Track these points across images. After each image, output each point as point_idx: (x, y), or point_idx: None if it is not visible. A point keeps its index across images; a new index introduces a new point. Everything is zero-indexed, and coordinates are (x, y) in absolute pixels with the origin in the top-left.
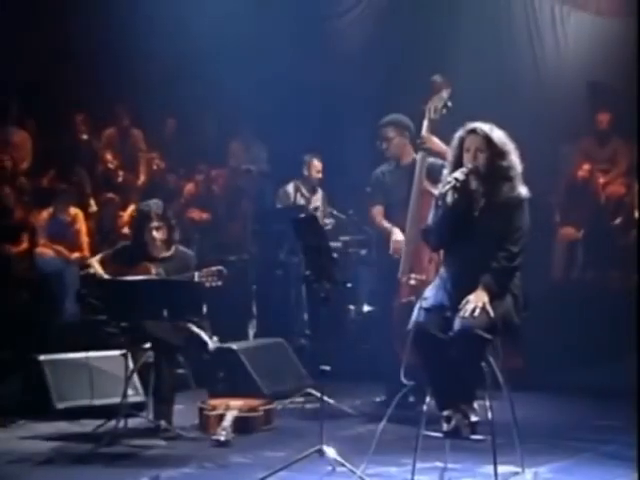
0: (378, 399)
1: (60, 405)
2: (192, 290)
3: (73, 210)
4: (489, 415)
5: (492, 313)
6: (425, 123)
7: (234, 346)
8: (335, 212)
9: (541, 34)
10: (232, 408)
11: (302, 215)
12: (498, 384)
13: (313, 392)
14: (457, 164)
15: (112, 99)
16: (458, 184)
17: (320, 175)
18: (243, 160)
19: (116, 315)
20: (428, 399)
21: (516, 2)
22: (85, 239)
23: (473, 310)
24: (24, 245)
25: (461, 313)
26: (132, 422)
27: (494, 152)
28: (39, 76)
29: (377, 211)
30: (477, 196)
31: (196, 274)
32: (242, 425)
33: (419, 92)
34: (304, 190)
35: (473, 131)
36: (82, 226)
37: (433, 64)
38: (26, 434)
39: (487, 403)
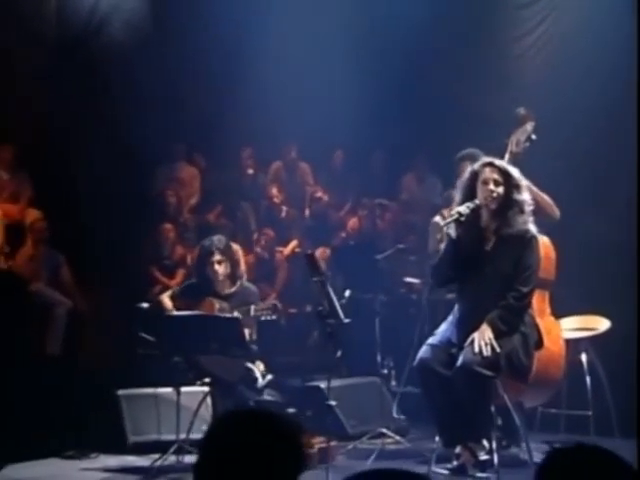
0: None
1: (134, 439)
2: (233, 325)
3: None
4: (495, 457)
5: (498, 349)
6: (506, 157)
7: (321, 385)
8: None
9: None
10: None
11: (309, 251)
12: (608, 430)
13: (387, 432)
14: (469, 197)
15: (279, 133)
16: (462, 218)
17: None
18: (416, 194)
19: (166, 349)
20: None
21: None
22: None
23: (479, 346)
24: (176, 280)
25: (465, 350)
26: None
27: (512, 185)
28: (210, 111)
29: None
30: (488, 233)
31: (252, 307)
32: None
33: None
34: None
35: (490, 164)
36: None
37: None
38: (89, 466)
39: (493, 444)
